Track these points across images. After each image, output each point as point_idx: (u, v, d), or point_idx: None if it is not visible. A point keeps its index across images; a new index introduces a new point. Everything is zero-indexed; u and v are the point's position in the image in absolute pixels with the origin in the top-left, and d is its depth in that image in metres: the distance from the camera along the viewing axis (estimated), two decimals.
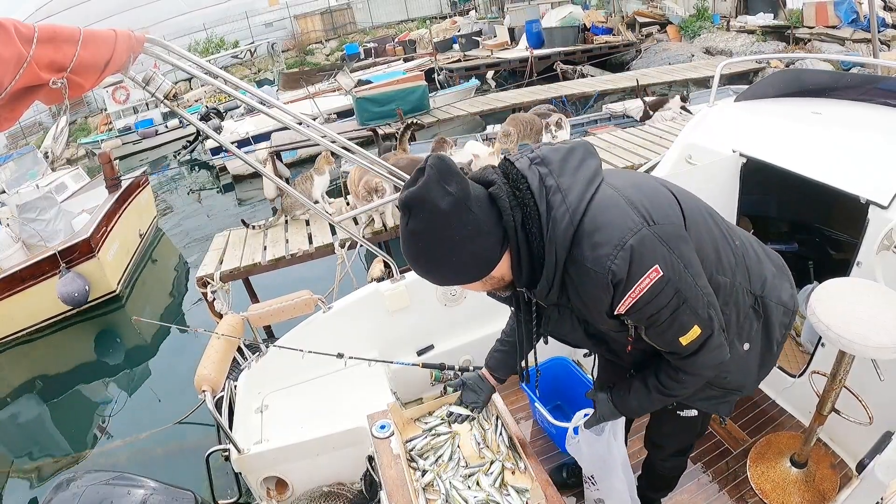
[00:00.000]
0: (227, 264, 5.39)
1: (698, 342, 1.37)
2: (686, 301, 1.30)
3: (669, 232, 1.28)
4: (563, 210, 1.24)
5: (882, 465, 1.75)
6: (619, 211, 1.26)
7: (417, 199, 1.18)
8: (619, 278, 1.22)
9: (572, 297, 1.36)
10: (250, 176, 12.14)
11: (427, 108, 10.84)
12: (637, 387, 1.61)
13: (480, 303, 3.16)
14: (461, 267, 1.26)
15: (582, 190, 1.26)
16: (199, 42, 26.15)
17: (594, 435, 1.90)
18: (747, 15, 15.16)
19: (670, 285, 1.26)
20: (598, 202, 1.26)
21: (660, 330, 1.35)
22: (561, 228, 1.24)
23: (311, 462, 2.47)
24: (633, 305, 1.27)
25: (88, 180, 10.37)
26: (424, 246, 1.24)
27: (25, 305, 7.10)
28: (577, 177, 1.28)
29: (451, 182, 1.19)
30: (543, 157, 1.30)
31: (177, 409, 4.87)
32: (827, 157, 2.48)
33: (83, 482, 2.55)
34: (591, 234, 1.24)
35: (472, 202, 1.21)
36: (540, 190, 1.26)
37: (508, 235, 1.27)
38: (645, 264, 1.23)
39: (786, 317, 1.63)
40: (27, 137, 21.34)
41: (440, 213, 1.18)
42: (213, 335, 2.58)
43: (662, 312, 1.30)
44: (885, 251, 2.07)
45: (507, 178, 1.30)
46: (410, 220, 1.21)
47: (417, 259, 1.27)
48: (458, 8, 28.58)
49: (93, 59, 1.59)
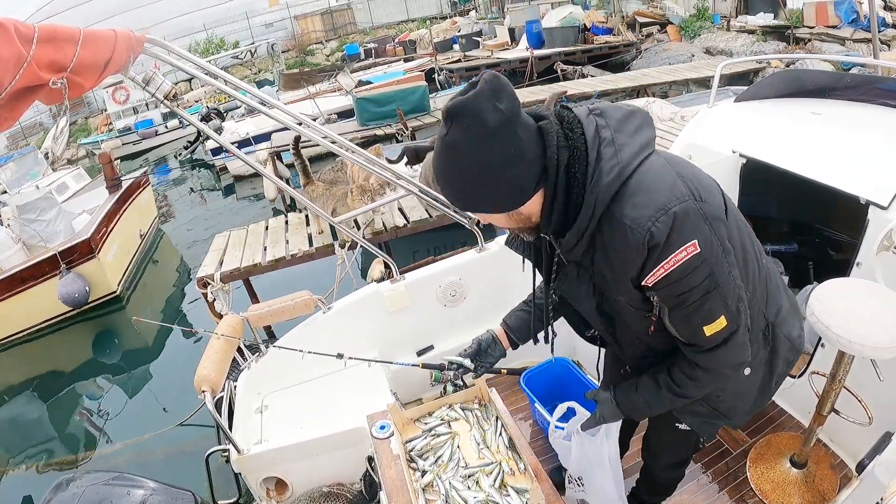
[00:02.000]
0: (228, 265, 5.39)
1: (722, 335, 1.31)
2: (718, 287, 1.25)
3: (713, 213, 1.23)
4: (614, 163, 1.20)
5: (882, 465, 1.75)
6: (668, 179, 1.21)
7: (464, 109, 1.12)
8: (656, 241, 1.17)
9: (597, 259, 1.31)
10: (251, 176, 12.15)
11: (427, 108, 10.85)
12: (646, 383, 1.53)
13: (480, 303, 3.18)
14: (491, 192, 1.20)
15: (636, 151, 1.22)
16: (200, 42, 26.17)
17: (588, 437, 1.86)
18: (747, 15, 15.15)
19: (706, 265, 1.21)
20: (649, 166, 1.22)
21: (686, 312, 1.29)
22: (606, 180, 1.19)
23: (310, 462, 2.47)
24: (664, 278, 1.22)
25: (89, 180, 10.38)
26: (458, 160, 1.17)
27: (26, 306, 7.09)
28: (634, 139, 1.23)
29: (503, 99, 1.12)
30: (603, 111, 1.26)
31: (177, 409, 4.87)
32: (827, 157, 2.48)
33: (83, 482, 2.56)
34: (635, 194, 1.20)
35: (519, 126, 1.15)
36: (594, 138, 1.22)
37: (549, 173, 1.21)
38: (685, 236, 1.18)
39: (790, 353, 1.59)
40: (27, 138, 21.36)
41: (485, 127, 1.12)
42: (213, 335, 2.58)
43: (693, 293, 1.24)
44: (884, 252, 2.07)
45: (561, 121, 1.25)
46: (451, 131, 1.15)
47: (448, 175, 1.21)
48: (459, 8, 28.57)
49: (93, 59, 1.59)
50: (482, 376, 2.18)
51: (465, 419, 2.09)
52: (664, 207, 1.17)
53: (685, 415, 1.67)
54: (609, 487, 1.94)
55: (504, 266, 3.14)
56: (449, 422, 2.08)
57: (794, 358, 1.61)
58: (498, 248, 3.15)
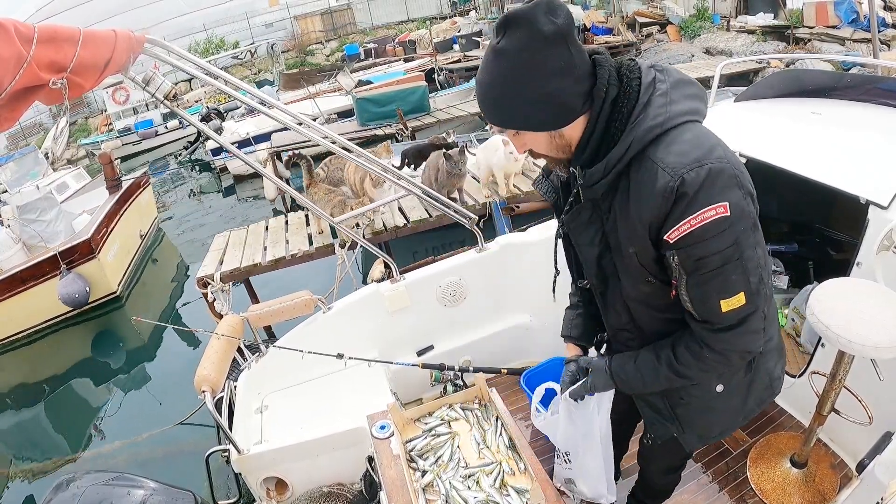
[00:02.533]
0: (228, 265, 5.39)
1: (739, 314, 1.24)
2: (742, 258, 1.20)
3: (747, 186, 1.20)
4: (662, 111, 1.19)
5: (882, 465, 1.74)
6: (710, 142, 1.20)
7: (521, 16, 1.12)
8: (685, 190, 1.14)
9: (617, 204, 1.28)
10: (251, 176, 12.15)
11: (427, 108, 10.84)
12: (646, 357, 1.44)
13: (480, 303, 3.19)
14: (537, 105, 1.19)
15: (685, 110, 1.21)
16: (200, 43, 26.18)
17: (577, 408, 1.73)
18: (747, 15, 15.15)
19: (732, 230, 1.17)
20: (694, 127, 1.22)
21: (704, 279, 1.22)
22: (649, 123, 1.19)
23: (310, 462, 2.47)
24: (687, 235, 1.17)
25: (90, 180, 10.38)
26: (508, 67, 1.16)
27: (26, 306, 7.10)
28: (686, 102, 1.23)
29: (560, 15, 1.13)
30: (665, 69, 1.27)
31: (177, 409, 4.87)
32: (827, 157, 2.48)
33: (83, 482, 2.56)
34: (674, 142, 1.18)
35: (573, 44, 1.15)
36: (649, 85, 1.22)
37: (595, 100, 1.20)
38: (715, 194, 1.15)
39: (765, 393, 1.54)
40: (27, 138, 21.38)
41: (539, 34, 1.12)
42: (213, 335, 2.58)
43: (714, 259, 1.19)
44: (884, 251, 2.07)
45: (619, 65, 1.24)
46: (504, 39, 1.15)
47: (493, 83, 1.20)
48: (459, 8, 28.56)
49: (93, 60, 1.59)
50: (482, 376, 2.19)
51: (465, 419, 2.09)
52: (700, 161, 1.15)
53: (643, 403, 1.62)
54: (595, 464, 1.85)
55: (504, 266, 3.14)
56: (449, 422, 2.08)
57: (766, 399, 1.56)
58: (498, 248, 3.15)
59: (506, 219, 5.42)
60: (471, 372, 2.90)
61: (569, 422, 1.80)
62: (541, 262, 2.86)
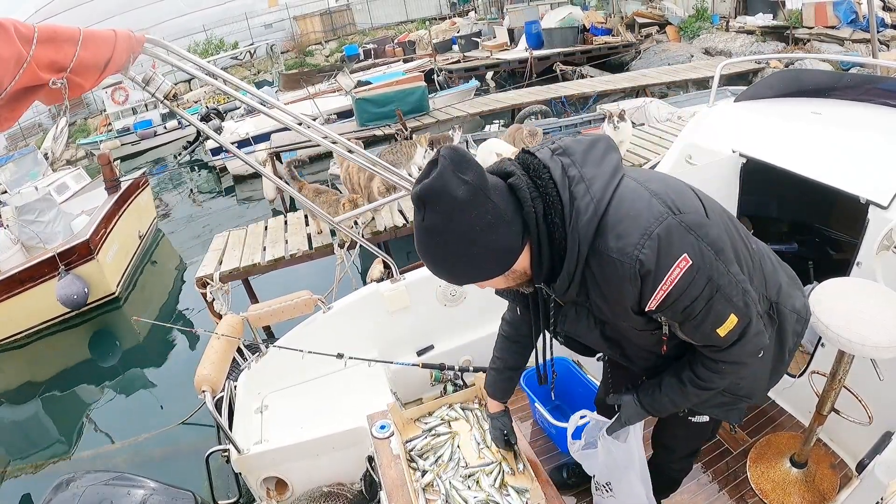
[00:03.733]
0: (227, 265, 5.39)
1: (737, 331, 1.32)
2: (720, 289, 1.25)
3: (695, 220, 1.23)
4: (588, 200, 1.20)
5: (882, 465, 1.75)
6: (643, 202, 1.22)
7: (432, 191, 1.12)
8: (647, 269, 1.18)
9: (592, 294, 1.32)
10: (250, 176, 12.14)
11: (426, 109, 10.84)
12: (670, 383, 1.53)
13: (480, 303, 3.18)
14: (482, 261, 1.21)
15: (606, 181, 1.22)
16: (199, 43, 26.19)
17: (616, 441, 1.82)
18: (746, 15, 15.16)
19: (701, 274, 1.21)
20: (622, 193, 1.23)
21: (696, 323, 1.29)
22: (585, 219, 1.20)
23: (310, 462, 2.47)
24: (665, 299, 1.23)
25: (89, 180, 10.37)
26: (442, 241, 1.17)
27: (24, 307, 7.08)
28: (601, 168, 1.24)
29: (467, 171, 1.13)
30: (566, 148, 1.27)
31: (177, 409, 4.87)
32: (827, 157, 2.48)
33: (83, 482, 2.56)
34: (615, 225, 1.20)
35: (490, 191, 1.16)
36: (563, 180, 1.22)
37: (529, 227, 1.22)
38: (673, 254, 1.18)
39: (798, 324, 1.60)
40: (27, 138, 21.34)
41: (457, 203, 1.12)
42: (213, 335, 2.58)
43: (696, 304, 1.24)
44: (884, 251, 2.07)
45: (526, 169, 1.25)
46: (427, 215, 1.15)
47: (435, 257, 1.22)
48: (458, 9, 28.59)
49: (93, 60, 1.59)
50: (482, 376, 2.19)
51: (465, 419, 2.09)
52: (646, 232, 1.18)
53: (709, 408, 1.67)
54: (640, 490, 1.92)
55: None
56: (449, 421, 2.08)
57: (802, 328, 1.62)
58: None
59: None
60: (471, 372, 2.90)
61: (608, 457, 1.88)
62: None
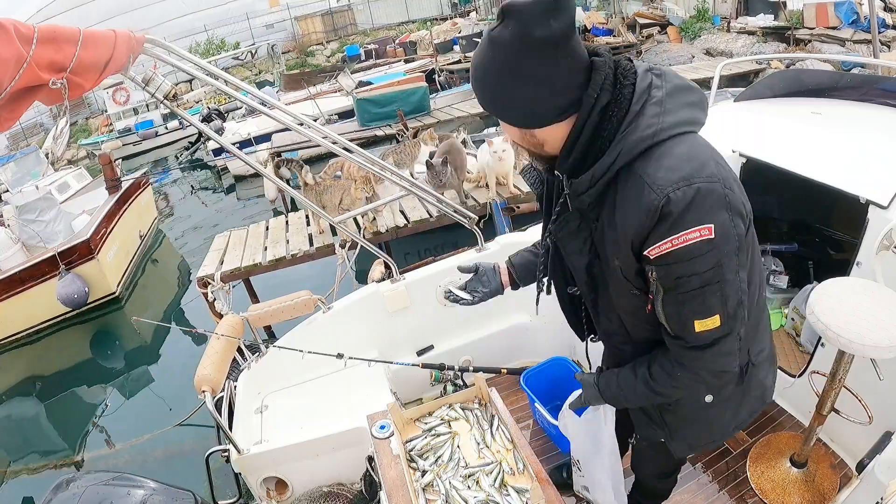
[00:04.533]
0: (228, 265, 5.39)
1: (712, 336, 1.22)
2: (721, 282, 1.17)
3: (737, 204, 1.16)
4: (653, 122, 1.14)
5: (882, 464, 1.75)
6: (703, 157, 1.14)
7: (517, 11, 1.05)
8: (669, 210, 1.10)
9: (604, 214, 1.25)
10: (251, 176, 12.16)
11: (428, 109, 10.86)
12: (625, 374, 1.46)
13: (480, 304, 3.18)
14: (509, 102, 1.17)
15: (679, 120, 1.16)
16: (200, 44, 26.21)
17: (585, 421, 1.84)
18: (748, 16, 15.16)
19: (715, 254, 1.13)
20: (688, 140, 1.16)
21: (681, 300, 1.20)
22: (639, 134, 1.14)
23: (310, 462, 2.47)
24: (668, 254, 1.14)
25: (91, 180, 10.39)
26: (492, 59, 1.13)
27: (25, 307, 7.10)
28: (682, 111, 1.17)
29: (561, 17, 1.06)
30: (663, 73, 1.21)
31: (177, 409, 4.88)
32: (827, 157, 2.48)
33: (83, 482, 2.55)
34: (664, 157, 1.13)
35: (563, 50, 1.09)
36: (642, 93, 1.16)
37: (582, 108, 1.16)
38: (701, 216, 1.11)
39: (757, 403, 1.53)
40: (28, 138, 21.40)
41: (527, 39, 1.06)
42: (213, 335, 2.58)
43: (693, 280, 1.16)
44: (884, 251, 2.06)
45: (616, 66, 1.18)
46: (498, 28, 1.10)
47: (479, 68, 1.17)
48: (459, 9, 28.57)
49: (93, 60, 1.59)
50: (482, 376, 2.18)
51: (465, 419, 2.09)
52: (689, 179, 1.11)
53: (636, 407, 1.61)
54: (605, 481, 1.92)
55: None
56: (449, 421, 2.08)
57: (758, 408, 1.55)
58: (498, 248, 3.15)
59: (506, 219, 5.43)
60: (471, 372, 2.90)
61: (576, 431, 1.90)
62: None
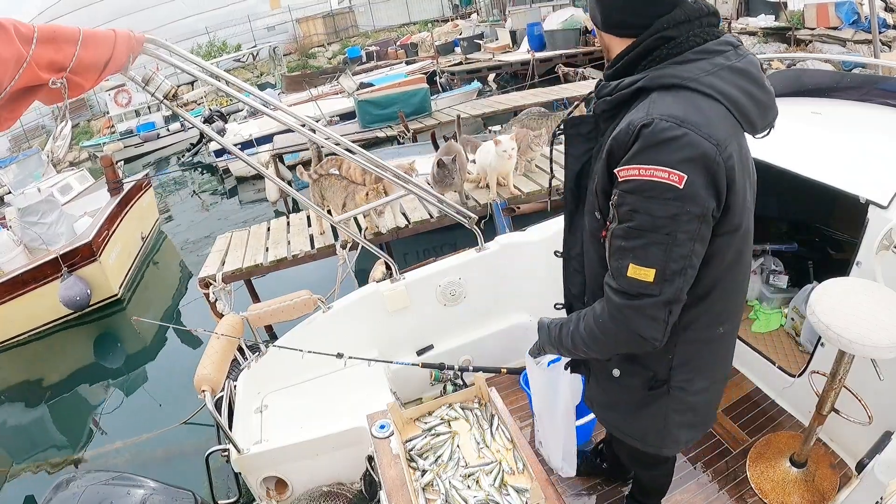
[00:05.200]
0: (229, 265, 5.39)
1: (640, 288, 1.21)
2: (671, 237, 1.15)
3: (718, 181, 1.15)
4: (696, 74, 1.17)
5: (882, 464, 1.74)
6: (717, 123, 1.15)
7: None
8: (646, 133, 1.13)
9: (608, 134, 1.28)
10: (253, 177, 12.17)
11: (429, 110, 10.84)
12: (571, 318, 1.48)
13: (480, 303, 3.19)
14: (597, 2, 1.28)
15: (722, 88, 1.18)
16: (202, 46, 26.28)
17: (547, 377, 1.88)
18: (748, 17, 15.15)
19: (676, 204, 1.13)
20: (717, 106, 1.17)
21: (628, 233, 1.20)
22: (674, 72, 1.18)
23: (310, 462, 2.47)
24: (632, 181, 1.16)
25: (93, 181, 10.40)
26: None
27: (27, 309, 7.10)
28: (731, 87, 1.19)
29: None
30: (746, 57, 1.24)
31: (177, 409, 4.87)
32: (827, 157, 2.48)
33: (83, 482, 2.56)
34: (681, 100, 1.15)
35: None
36: (708, 52, 1.20)
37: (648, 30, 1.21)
38: (676, 161, 1.11)
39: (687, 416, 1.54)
40: (30, 140, 21.44)
41: None
42: (213, 335, 2.59)
43: (644, 219, 1.16)
44: (884, 251, 2.06)
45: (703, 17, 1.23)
46: None
47: None
48: (460, 11, 28.61)
49: (92, 60, 1.60)
50: (482, 375, 2.18)
51: (464, 418, 2.09)
52: (685, 122, 1.12)
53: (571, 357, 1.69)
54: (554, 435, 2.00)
55: (504, 266, 3.14)
56: (449, 421, 2.08)
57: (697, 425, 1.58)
58: (498, 248, 3.15)
59: (507, 219, 5.43)
60: (470, 371, 2.90)
61: (538, 387, 1.98)
62: (540, 262, 2.87)
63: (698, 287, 1.30)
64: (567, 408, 1.94)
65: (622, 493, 2.44)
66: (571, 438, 2.01)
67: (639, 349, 1.33)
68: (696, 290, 1.30)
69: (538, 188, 5.55)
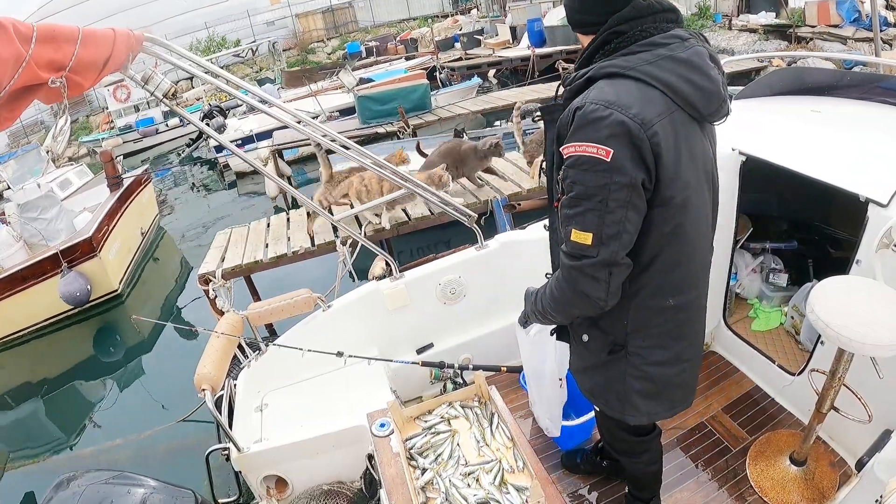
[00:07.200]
0: (229, 262, 5.39)
1: (580, 250, 1.37)
2: (604, 202, 1.32)
3: (645, 153, 1.30)
4: (636, 63, 1.33)
5: (881, 463, 1.75)
6: (644, 104, 1.30)
7: None
8: (579, 115, 1.32)
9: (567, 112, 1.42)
10: (253, 173, 12.14)
11: (428, 106, 10.83)
12: (545, 285, 1.63)
13: (480, 301, 3.19)
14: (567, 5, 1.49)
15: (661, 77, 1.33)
16: (201, 41, 26.19)
17: (537, 344, 2.08)
18: (749, 14, 15.11)
19: (604, 175, 1.30)
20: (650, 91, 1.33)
21: (571, 203, 1.38)
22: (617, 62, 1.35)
23: (310, 461, 2.47)
24: (570, 157, 1.35)
25: (92, 176, 10.38)
26: None
27: (27, 305, 7.10)
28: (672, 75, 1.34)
29: None
30: (693, 48, 1.38)
31: (177, 407, 4.88)
32: (827, 155, 2.48)
33: (83, 481, 2.56)
34: (615, 84, 1.33)
35: None
36: (654, 44, 1.35)
37: (601, 28, 1.39)
38: (606, 138, 1.28)
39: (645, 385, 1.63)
40: (29, 136, 21.39)
41: None
42: (213, 334, 2.59)
43: (580, 188, 1.34)
44: (884, 249, 2.06)
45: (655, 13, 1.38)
46: None
47: None
48: (460, 6, 28.53)
49: (92, 58, 1.59)
50: (482, 374, 2.19)
51: (464, 417, 2.09)
52: (611, 105, 1.29)
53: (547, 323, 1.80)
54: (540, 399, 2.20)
55: (504, 264, 3.14)
56: (449, 420, 2.08)
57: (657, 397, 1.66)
58: (498, 246, 3.15)
59: (507, 216, 5.42)
60: (470, 370, 2.90)
61: (526, 351, 2.18)
62: (540, 260, 2.85)
63: (641, 255, 1.44)
64: (552, 374, 2.13)
65: (622, 491, 2.44)
66: (556, 402, 2.20)
67: (589, 309, 1.49)
68: (640, 258, 1.45)
69: (538, 185, 5.55)
